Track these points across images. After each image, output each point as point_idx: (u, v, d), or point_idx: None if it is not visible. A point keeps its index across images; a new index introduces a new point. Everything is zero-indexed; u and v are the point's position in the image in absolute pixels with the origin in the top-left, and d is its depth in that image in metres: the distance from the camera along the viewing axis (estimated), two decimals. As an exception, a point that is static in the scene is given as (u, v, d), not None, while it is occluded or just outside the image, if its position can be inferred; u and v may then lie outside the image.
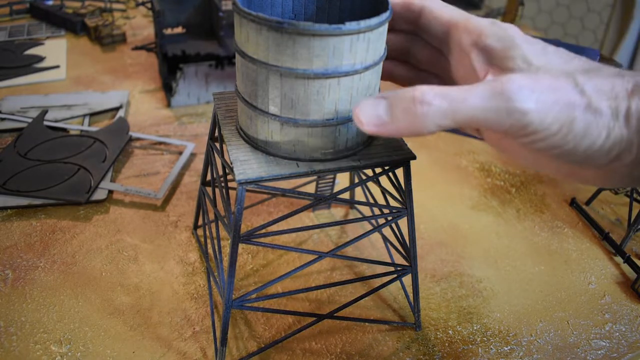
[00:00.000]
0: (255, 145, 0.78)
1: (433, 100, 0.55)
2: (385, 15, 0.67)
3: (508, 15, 1.89)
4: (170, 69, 1.72)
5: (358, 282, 0.98)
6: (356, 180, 1.17)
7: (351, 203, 0.95)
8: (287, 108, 0.71)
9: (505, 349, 0.95)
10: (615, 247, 1.19)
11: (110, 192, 1.26)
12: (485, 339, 0.96)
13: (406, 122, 0.58)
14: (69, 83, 1.77)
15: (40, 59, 1.91)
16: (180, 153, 1.43)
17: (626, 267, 1.15)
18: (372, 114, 0.61)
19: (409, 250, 0.91)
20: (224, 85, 1.69)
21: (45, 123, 1.49)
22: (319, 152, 0.75)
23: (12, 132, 1.47)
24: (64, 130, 1.49)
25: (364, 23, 0.64)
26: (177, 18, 1.76)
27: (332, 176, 1.18)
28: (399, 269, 0.94)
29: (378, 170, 0.84)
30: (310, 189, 1.31)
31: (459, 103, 0.54)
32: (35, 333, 0.91)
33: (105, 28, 2.07)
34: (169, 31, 1.80)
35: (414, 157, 0.79)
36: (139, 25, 2.30)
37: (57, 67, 1.87)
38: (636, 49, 2.79)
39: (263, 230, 1.04)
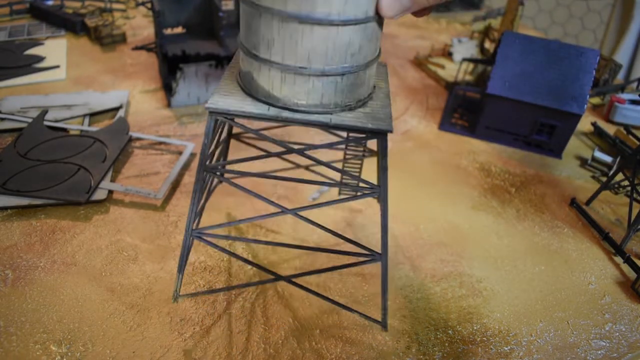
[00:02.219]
0: (242, 84, 0.80)
1: None
2: None
3: (508, 15, 1.89)
4: (170, 69, 1.72)
5: (325, 252, 0.91)
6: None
7: (324, 164, 0.86)
8: (265, 48, 0.72)
9: (505, 349, 0.95)
10: (615, 247, 1.19)
11: (110, 192, 1.26)
12: (485, 339, 0.96)
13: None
14: (69, 83, 1.77)
15: (40, 59, 1.90)
16: (180, 153, 1.43)
17: (626, 267, 1.15)
18: (394, 4, 0.69)
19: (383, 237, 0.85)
20: (224, 85, 1.68)
21: (45, 123, 1.49)
22: (291, 100, 0.75)
23: (12, 132, 1.47)
24: (64, 130, 1.48)
25: None
26: (177, 18, 1.76)
27: (358, 163, 1.13)
28: (367, 253, 0.87)
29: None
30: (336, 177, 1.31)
31: None
32: (35, 333, 0.91)
33: (105, 28, 2.07)
34: (169, 31, 1.80)
35: (390, 130, 0.76)
36: (139, 25, 2.30)
37: (57, 67, 1.87)
38: (636, 49, 2.79)
39: (234, 167, 1.02)
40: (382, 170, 0.80)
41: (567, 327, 1.00)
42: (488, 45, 2.13)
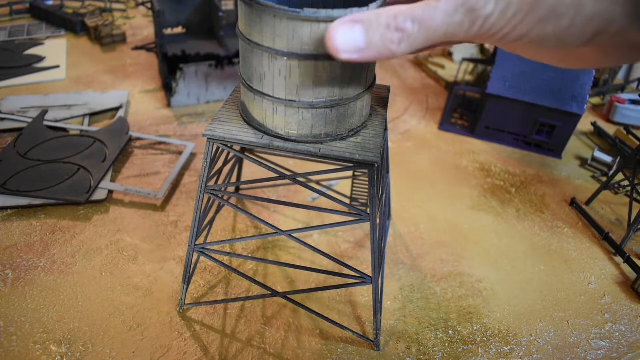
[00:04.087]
0: (241, 112, 0.83)
1: (406, 26, 0.56)
2: (354, 11, 0.65)
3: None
4: (170, 69, 1.72)
5: (316, 272, 0.93)
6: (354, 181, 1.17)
7: (311, 189, 0.85)
8: (257, 81, 0.74)
9: (505, 349, 0.95)
10: (615, 247, 1.19)
11: (110, 192, 1.26)
12: (485, 339, 0.96)
13: (382, 48, 0.58)
14: (69, 83, 1.77)
15: (40, 59, 1.90)
16: (180, 153, 1.43)
17: (626, 267, 1.15)
18: (349, 40, 0.59)
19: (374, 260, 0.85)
20: (224, 86, 1.69)
21: (45, 123, 1.49)
22: (283, 130, 0.77)
23: (12, 132, 1.47)
24: (64, 130, 1.48)
25: (324, 12, 0.65)
26: (177, 18, 1.76)
27: (367, 182, 1.14)
28: (357, 275, 0.87)
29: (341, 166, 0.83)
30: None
31: (428, 23, 0.55)
32: (35, 333, 0.91)
33: (105, 28, 2.07)
34: (169, 31, 1.80)
35: (377, 162, 0.76)
36: (139, 25, 2.30)
37: (57, 67, 1.87)
38: (636, 49, 2.79)
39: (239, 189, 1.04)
40: (372, 199, 0.80)
41: (567, 327, 1.00)
42: (488, 45, 2.13)
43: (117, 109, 1.62)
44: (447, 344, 0.95)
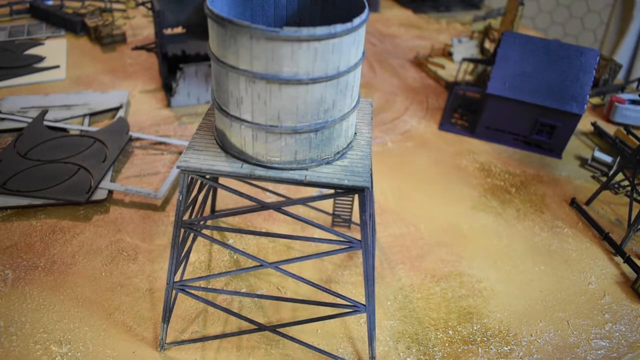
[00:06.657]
0: (216, 138, 0.78)
1: None
2: (337, 28, 0.62)
3: (508, 15, 1.89)
4: (170, 69, 1.72)
5: (304, 304, 0.90)
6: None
7: (290, 215, 0.81)
8: (234, 106, 0.69)
9: (505, 349, 0.95)
10: (615, 247, 1.19)
11: (110, 192, 1.26)
12: (485, 339, 0.96)
13: None
14: (69, 83, 1.77)
15: (40, 59, 1.90)
16: (180, 153, 1.43)
17: (626, 267, 1.15)
18: None
19: (367, 288, 0.82)
20: (224, 85, 1.68)
21: (45, 123, 1.49)
22: (265, 157, 0.73)
23: (12, 132, 1.47)
24: (64, 130, 1.48)
25: (306, 31, 0.60)
26: (177, 18, 1.76)
27: (350, 199, 1.13)
28: (350, 304, 0.84)
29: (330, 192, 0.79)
30: (328, 207, 1.26)
31: None
32: (35, 333, 0.91)
33: (105, 28, 2.07)
34: (169, 31, 1.80)
35: (367, 187, 0.72)
36: (139, 25, 2.30)
37: (57, 67, 1.87)
38: (636, 49, 2.79)
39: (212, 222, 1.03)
40: (363, 224, 0.76)
41: (567, 327, 1.00)
42: (488, 45, 2.13)
43: (117, 109, 1.62)
44: (447, 344, 0.95)
